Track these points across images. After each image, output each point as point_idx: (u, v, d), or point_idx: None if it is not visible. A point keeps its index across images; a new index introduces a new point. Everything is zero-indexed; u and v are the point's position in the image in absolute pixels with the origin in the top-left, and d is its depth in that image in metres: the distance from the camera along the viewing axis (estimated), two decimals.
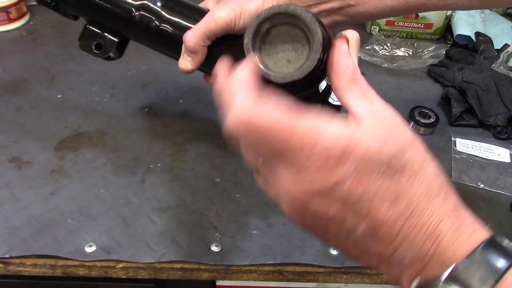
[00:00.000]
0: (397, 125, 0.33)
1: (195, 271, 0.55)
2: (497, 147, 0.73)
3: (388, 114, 0.33)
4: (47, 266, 0.54)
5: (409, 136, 0.33)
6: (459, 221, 0.32)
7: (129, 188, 0.62)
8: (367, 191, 0.31)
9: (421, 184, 0.32)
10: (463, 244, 0.31)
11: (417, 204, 0.31)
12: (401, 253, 0.32)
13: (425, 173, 0.32)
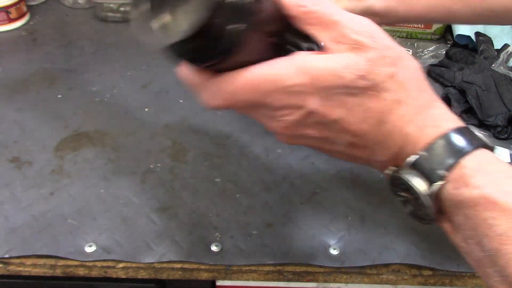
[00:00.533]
0: (363, 42, 0.33)
1: (195, 271, 0.55)
2: (497, 147, 0.73)
3: (353, 33, 0.33)
4: (47, 266, 0.54)
5: (374, 53, 0.33)
6: (426, 119, 0.34)
7: (129, 188, 0.62)
8: (338, 112, 0.34)
9: (388, 95, 0.34)
10: (424, 136, 0.33)
11: (386, 114, 0.34)
12: (378, 156, 0.36)
13: (392, 84, 0.34)
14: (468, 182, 0.31)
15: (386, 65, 0.33)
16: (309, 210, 0.61)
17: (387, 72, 0.33)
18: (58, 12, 0.97)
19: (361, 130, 0.34)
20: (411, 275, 0.56)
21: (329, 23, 0.34)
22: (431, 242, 0.58)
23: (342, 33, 0.33)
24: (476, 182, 0.30)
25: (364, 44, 0.33)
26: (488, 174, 0.31)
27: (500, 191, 0.30)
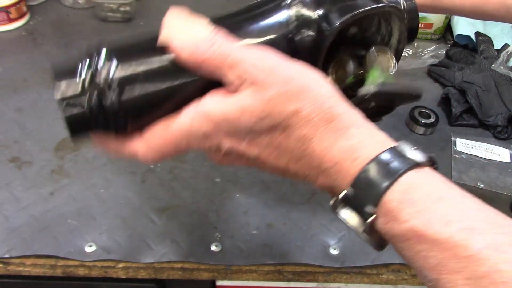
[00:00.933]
0: (263, 81, 0.33)
1: (195, 271, 0.55)
2: (497, 147, 0.73)
3: (252, 71, 0.33)
4: (47, 266, 0.54)
5: (276, 89, 0.33)
6: (342, 150, 0.33)
7: (129, 188, 0.62)
8: (252, 152, 0.35)
9: (295, 131, 0.33)
10: (346, 172, 0.32)
11: (297, 149, 0.34)
12: (314, 184, 0.35)
13: (298, 118, 0.33)
14: (396, 216, 0.30)
15: (287, 101, 0.33)
16: (309, 210, 0.61)
17: (289, 110, 0.33)
18: (58, 12, 0.97)
19: (281, 165, 0.35)
20: (411, 275, 0.56)
21: (231, 62, 0.33)
22: None
23: (243, 69, 0.33)
24: (403, 216, 0.29)
25: (263, 81, 0.32)
26: (414, 203, 0.29)
27: (427, 222, 0.29)
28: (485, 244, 0.27)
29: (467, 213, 0.29)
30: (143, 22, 0.95)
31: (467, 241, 0.27)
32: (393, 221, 0.30)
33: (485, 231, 0.27)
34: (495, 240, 0.27)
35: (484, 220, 0.28)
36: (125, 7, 0.94)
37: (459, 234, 0.27)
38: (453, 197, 0.30)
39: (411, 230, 0.29)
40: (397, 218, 0.30)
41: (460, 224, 0.28)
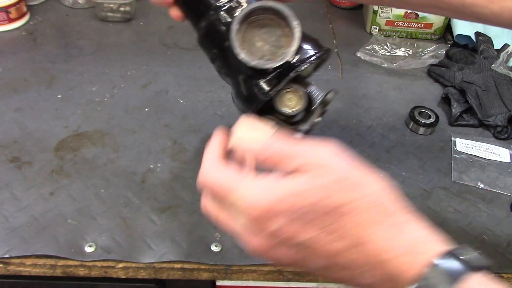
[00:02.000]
0: (326, 166, 0.35)
1: (195, 271, 0.55)
2: (497, 147, 0.73)
3: (314, 157, 0.35)
4: (47, 266, 0.54)
5: (338, 174, 0.34)
6: (404, 244, 0.33)
7: (129, 188, 0.62)
8: (305, 234, 0.34)
9: (356, 217, 0.33)
10: (412, 266, 0.31)
11: (358, 236, 0.33)
12: (362, 280, 0.34)
13: (360, 205, 0.33)
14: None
15: (347, 188, 0.34)
16: None
17: (351, 196, 0.33)
18: (58, 12, 0.97)
19: (336, 249, 0.34)
20: None
21: (288, 156, 0.36)
22: None
23: (300, 160, 0.35)
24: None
25: (320, 169, 0.34)
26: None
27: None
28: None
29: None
30: (143, 22, 0.95)
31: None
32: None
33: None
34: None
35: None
36: (125, 7, 0.94)
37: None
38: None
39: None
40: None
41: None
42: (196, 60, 0.84)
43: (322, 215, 0.33)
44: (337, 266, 0.34)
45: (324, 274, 0.36)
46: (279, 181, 0.34)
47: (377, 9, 0.94)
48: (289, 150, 0.36)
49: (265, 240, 0.35)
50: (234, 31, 0.43)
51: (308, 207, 0.33)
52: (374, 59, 0.89)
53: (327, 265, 0.35)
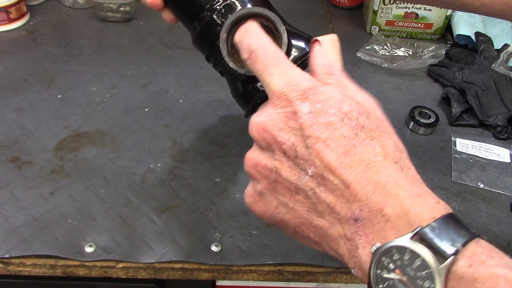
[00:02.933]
0: (368, 106, 0.35)
1: (195, 271, 0.55)
2: (497, 147, 0.73)
3: (361, 96, 0.36)
4: (47, 266, 0.54)
5: (378, 114, 0.35)
6: (420, 189, 0.31)
7: (129, 188, 0.62)
8: (321, 130, 0.32)
9: (379, 147, 0.32)
10: (428, 208, 0.30)
11: (373, 162, 0.31)
12: (356, 208, 0.31)
13: (385, 140, 0.33)
14: (483, 261, 0.28)
15: (380, 125, 0.34)
16: None
17: (379, 130, 0.34)
18: (58, 12, 0.97)
19: (338, 162, 0.32)
20: None
21: (341, 85, 0.37)
22: None
23: (351, 93, 0.36)
24: (490, 262, 0.27)
25: (368, 106, 0.35)
26: (498, 256, 0.28)
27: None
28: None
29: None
30: (143, 22, 0.95)
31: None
32: (479, 265, 0.28)
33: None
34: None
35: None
36: (125, 7, 0.94)
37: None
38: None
39: (497, 275, 0.27)
40: (484, 262, 0.28)
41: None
42: (196, 60, 0.84)
43: (346, 124, 0.32)
44: (328, 182, 0.32)
45: (304, 196, 0.34)
46: (326, 83, 0.36)
47: (377, 9, 0.94)
48: (345, 82, 0.37)
49: (279, 115, 0.34)
50: (223, 40, 0.43)
51: (338, 109, 0.33)
52: (374, 59, 0.89)
53: (317, 176, 0.33)
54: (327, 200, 0.32)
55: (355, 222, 0.31)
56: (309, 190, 0.33)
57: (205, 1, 0.47)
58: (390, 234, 0.30)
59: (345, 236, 0.32)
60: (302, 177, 0.33)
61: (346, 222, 0.32)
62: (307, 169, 0.33)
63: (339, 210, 0.32)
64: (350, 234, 0.32)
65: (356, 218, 0.31)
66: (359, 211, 0.31)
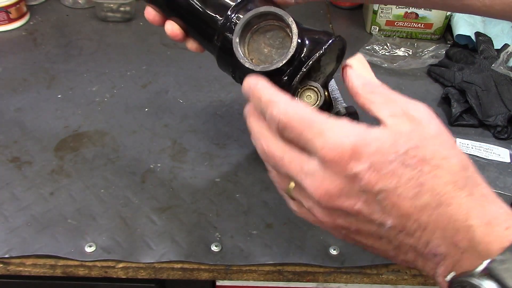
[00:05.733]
0: (422, 120, 0.34)
1: (195, 271, 0.55)
2: (497, 147, 0.73)
3: (412, 109, 0.35)
4: (47, 266, 0.54)
5: (433, 130, 0.35)
6: (491, 214, 0.31)
7: (129, 188, 0.62)
8: (388, 182, 0.32)
9: (446, 174, 0.32)
10: (497, 238, 0.30)
11: (443, 194, 0.32)
12: (434, 246, 0.33)
13: (450, 164, 0.33)
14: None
15: (439, 146, 0.33)
16: None
17: (441, 154, 0.33)
18: (58, 12, 0.97)
19: (413, 207, 0.32)
20: (411, 275, 0.56)
21: (389, 100, 0.36)
22: None
23: (402, 109, 0.35)
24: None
25: (420, 119, 0.34)
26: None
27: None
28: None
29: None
30: (143, 22, 0.95)
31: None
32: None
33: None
34: None
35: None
36: (125, 7, 0.94)
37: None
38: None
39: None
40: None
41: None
42: (196, 60, 0.84)
43: (408, 165, 0.32)
44: (407, 228, 0.33)
45: (387, 241, 0.35)
46: (369, 128, 0.33)
47: (377, 9, 0.94)
48: (392, 95, 0.36)
49: (340, 182, 0.33)
50: (235, 44, 0.44)
51: (395, 154, 0.32)
52: (374, 59, 0.89)
53: (396, 226, 0.33)
54: (409, 243, 0.34)
55: (434, 257, 0.33)
56: (391, 237, 0.34)
57: (219, 20, 0.48)
58: (465, 264, 0.31)
59: (428, 266, 0.34)
60: (382, 228, 0.34)
61: (426, 256, 0.34)
62: (386, 222, 0.33)
63: (420, 249, 0.34)
64: (432, 265, 0.34)
65: (434, 253, 0.33)
66: (436, 248, 0.33)
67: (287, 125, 0.35)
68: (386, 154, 0.32)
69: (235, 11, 0.47)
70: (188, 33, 0.53)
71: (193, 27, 0.52)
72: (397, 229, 0.33)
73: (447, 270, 0.33)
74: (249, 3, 0.47)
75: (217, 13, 0.48)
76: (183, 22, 0.52)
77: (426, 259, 0.34)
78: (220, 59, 0.50)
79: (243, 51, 0.44)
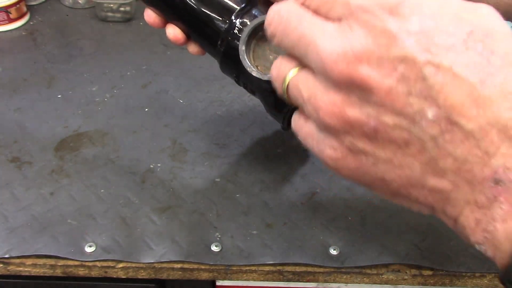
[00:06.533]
0: (488, 14, 0.27)
1: (195, 271, 0.55)
2: None
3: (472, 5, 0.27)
4: (47, 266, 0.54)
5: (505, 29, 0.26)
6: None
7: (129, 188, 0.62)
8: (441, 53, 0.23)
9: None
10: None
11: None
12: (500, 165, 0.23)
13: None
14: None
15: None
16: (309, 210, 0.61)
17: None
18: (58, 12, 0.97)
19: (474, 97, 0.23)
20: (411, 275, 0.56)
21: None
22: (431, 242, 0.58)
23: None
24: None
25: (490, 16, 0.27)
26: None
27: None
28: None
29: None
30: (143, 22, 0.95)
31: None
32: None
33: None
34: None
35: None
36: (125, 7, 0.94)
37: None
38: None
39: None
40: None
41: None
42: (196, 60, 0.84)
43: (470, 47, 0.23)
44: (459, 127, 0.23)
45: (418, 149, 0.24)
46: None
47: None
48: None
49: (371, 42, 0.24)
50: (242, 52, 0.44)
51: (457, 28, 0.24)
52: None
53: (441, 121, 0.23)
54: (455, 153, 0.23)
55: (494, 185, 0.23)
56: (427, 140, 0.24)
57: (223, 24, 0.47)
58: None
59: (475, 202, 0.24)
60: (418, 121, 0.24)
61: (481, 184, 0.23)
62: (426, 111, 0.23)
63: (471, 166, 0.23)
64: (485, 200, 0.23)
65: (497, 179, 0.23)
66: (503, 170, 0.23)
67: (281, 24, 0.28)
68: (445, 23, 0.24)
69: (240, 16, 0.47)
70: (190, 36, 0.53)
71: (196, 32, 0.51)
72: (440, 126, 0.23)
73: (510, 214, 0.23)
74: (253, 8, 0.47)
75: (220, 18, 0.48)
76: (185, 26, 0.52)
77: (475, 187, 0.24)
78: (224, 64, 0.50)
79: (248, 58, 0.44)
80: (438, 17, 0.24)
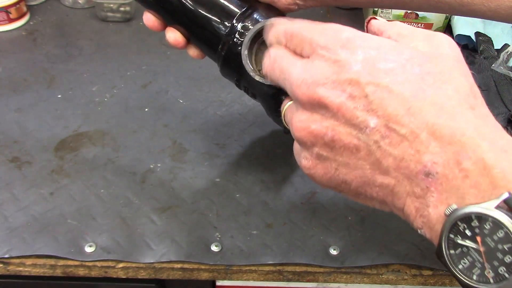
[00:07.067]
0: (441, 43, 0.32)
1: (195, 271, 0.55)
2: None
3: (434, 35, 0.33)
4: (47, 266, 0.54)
5: (452, 55, 0.31)
6: (507, 141, 0.27)
7: (129, 188, 0.62)
8: (381, 76, 0.29)
9: (452, 91, 0.28)
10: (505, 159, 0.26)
11: (446, 107, 0.27)
12: (428, 161, 0.27)
13: (458, 83, 0.29)
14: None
15: (451, 67, 0.30)
16: (309, 210, 0.61)
17: (451, 73, 0.30)
18: (58, 12, 0.97)
19: (405, 107, 0.28)
20: (411, 275, 0.56)
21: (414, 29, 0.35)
22: (431, 242, 0.57)
23: (421, 32, 0.33)
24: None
25: (441, 43, 0.32)
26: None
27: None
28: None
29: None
30: (143, 22, 0.95)
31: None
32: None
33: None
34: None
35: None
36: (125, 7, 0.94)
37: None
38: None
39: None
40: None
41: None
42: (196, 60, 0.84)
43: (407, 71, 0.29)
44: (395, 132, 0.28)
45: (366, 153, 0.30)
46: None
47: (377, 9, 0.94)
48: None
49: (327, 69, 0.31)
50: (244, 57, 0.44)
51: (397, 55, 0.30)
52: None
53: (380, 128, 0.29)
54: (394, 154, 0.28)
55: (426, 177, 0.27)
56: (372, 145, 0.29)
57: (224, 28, 0.47)
58: (469, 194, 0.26)
59: (413, 193, 0.28)
60: (363, 130, 0.29)
61: (415, 177, 0.28)
62: (368, 121, 0.29)
63: (407, 164, 0.28)
64: (420, 191, 0.28)
65: (427, 172, 0.27)
66: (431, 164, 0.27)
67: (293, 34, 0.35)
68: (386, 53, 0.29)
69: (241, 20, 0.47)
70: (190, 40, 0.53)
71: (196, 35, 0.51)
72: (380, 132, 0.29)
73: (441, 200, 0.27)
74: (254, 12, 0.47)
75: (221, 22, 0.48)
76: (185, 30, 0.52)
77: (412, 180, 0.28)
78: (225, 68, 0.50)
79: (251, 62, 0.44)
80: (382, 48, 0.30)
